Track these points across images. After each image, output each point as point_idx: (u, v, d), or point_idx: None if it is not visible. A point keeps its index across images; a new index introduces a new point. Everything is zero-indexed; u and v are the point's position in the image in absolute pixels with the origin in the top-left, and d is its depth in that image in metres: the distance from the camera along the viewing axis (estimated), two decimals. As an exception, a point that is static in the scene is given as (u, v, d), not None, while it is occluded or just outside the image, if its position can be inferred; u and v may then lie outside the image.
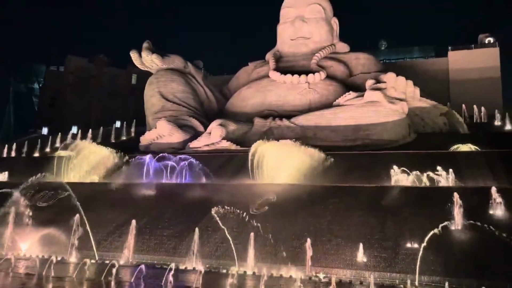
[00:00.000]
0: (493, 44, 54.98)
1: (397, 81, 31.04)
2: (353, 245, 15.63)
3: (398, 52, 66.71)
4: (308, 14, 40.70)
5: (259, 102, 36.02)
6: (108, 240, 18.69)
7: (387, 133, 28.81)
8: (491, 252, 14.69)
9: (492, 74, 52.90)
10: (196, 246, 16.64)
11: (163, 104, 34.84)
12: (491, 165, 22.24)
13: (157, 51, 36.80)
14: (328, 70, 37.39)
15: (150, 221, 19.48)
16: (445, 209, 16.91)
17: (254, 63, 43.39)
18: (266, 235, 16.80)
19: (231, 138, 31.06)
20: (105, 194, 22.90)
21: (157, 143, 32.42)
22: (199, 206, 19.93)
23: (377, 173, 22.50)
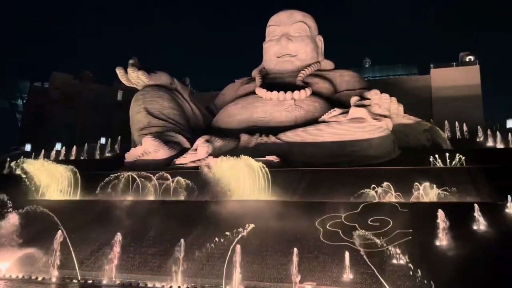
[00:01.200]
0: (473, 62, 56.43)
1: (381, 98, 31.50)
2: (340, 262, 15.59)
3: (382, 70, 67.90)
4: (293, 32, 41.34)
5: (246, 118, 36.14)
6: (91, 259, 18.31)
7: (372, 149, 29.08)
8: (477, 268, 14.79)
9: (473, 91, 54.18)
10: (181, 264, 16.41)
11: (149, 120, 34.66)
12: (474, 181, 22.58)
13: (143, 68, 36.76)
14: (314, 87, 37.82)
15: (134, 239, 19.16)
16: (431, 225, 17.08)
17: (240, 79, 43.74)
18: (252, 252, 16.70)
19: (217, 154, 30.92)
20: (88, 211, 22.51)
21: (142, 160, 32.09)
22: (184, 223, 19.71)
23: (362, 189, 22.62)
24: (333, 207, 19.83)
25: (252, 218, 18.71)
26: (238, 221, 18.89)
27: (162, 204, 23.49)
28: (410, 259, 15.05)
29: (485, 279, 14.26)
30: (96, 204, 24.12)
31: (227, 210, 20.81)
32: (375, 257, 15.75)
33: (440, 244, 16.24)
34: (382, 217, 18.33)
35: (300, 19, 41.88)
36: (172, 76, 38.51)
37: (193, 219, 20.05)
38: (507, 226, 17.07)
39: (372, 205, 20.01)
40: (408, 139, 32.83)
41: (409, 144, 32.48)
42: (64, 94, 70.79)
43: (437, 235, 16.51)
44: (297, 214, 19.40)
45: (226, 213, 20.50)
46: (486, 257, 15.22)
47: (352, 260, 15.50)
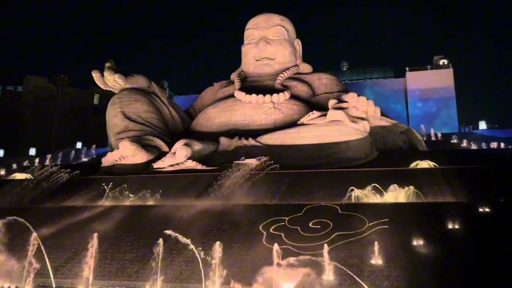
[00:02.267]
0: (447, 65, 57.88)
1: (358, 101, 31.95)
2: (319, 264, 15.62)
3: (359, 73, 68.89)
4: (271, 35, 41.52)
5: (225, 122, 36.05)
6: (67, 266, 17.85)
7: (350, 151, 29.39)
8: (451, 268, 15.06)
9: (447, 94, 55.56)
10: (160, 269, 16.18)
11: (126, 124, 34.09)
12: (449, 181, 23.06)
13: (120, 71, 36.21)
14: (292, 90, 38.03)
15: (111, 245, 18.80)
16: (408, 225, 17.35)
17: (219, 83, 43.63)
18: (232, 256, 16.59)
19: (196, 157, 30.77)
20: (63, 217, 21.96)
21: (119, 164, 31.61)
22: (162, 228, 19.42)
23: (342, 191, 22.82)
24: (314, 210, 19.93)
25: (231, 222, 18.64)
26: (213, 225, 18.81)
27: (139, 209, 23.12)
28: (386, 259, 15.22)
29: (457, 281, 14.50)
30: (72, 210, 23.58)
31: (207, 214, 20.65)
32: (354, 258, 15.85)
33: (417, 244, 16.44)
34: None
35: (278, 22, 42.11)
36: (150, 79, 38.08)
37: (172, 224, 19.77)
38: (480, 226, 17.42)
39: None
40: (385, 141, 33.35)
41: (386, 146, 32.99)
42: (38, 98, 69.28)
43: (414, 235, 16.71)
44: (276, 217, 19.40)
45: (206, 216, 20.34)
46: (459, 258, 15.50)
47: (332, 261, 15.54)
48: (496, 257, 15.12)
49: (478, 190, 21.12)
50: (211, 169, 29.46)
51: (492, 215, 18.13)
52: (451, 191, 22.02)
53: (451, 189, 22.14)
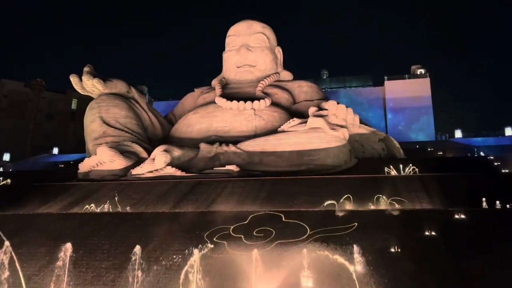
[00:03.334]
0: (424, 75, 59.16)
1: (338, 109, 32.29)
2: (295, 271, 15.58)
3: (339, 81, 69.76)
4: (253, 42, 41.69)
5: (205, 128, 35.87)
6: (40, 275, 17.33)
7: (330, 159, 29.61)
8: (428, 274, 15.23)
9: (424, 103, 56.70)
10: (137, 278, 15.88)
11: (104, 129, 33.53)
12: (426, 188, 23.44)
13: (98, 75, 35.65)
14: (273, 97, 38.18)
15: (87, 253, 18.36)
16: (386, 231, 17.50)
17: (200, 89, 43.45)
18: (210, 263, 16.40)
19: (176, 164, 30.48)
20: (36, 225, 21.37)
21: (97, 170, 31.04)
22: (140, 235, 19.12)
23: (321, 197, 22.93)
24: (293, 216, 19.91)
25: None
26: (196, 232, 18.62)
27: (117, 216, 22.68)
28: (362, 265, 15.29)
29: (435, 285, 14.67)
30: (47, 217, 22.98)
31: (185, 221, 20.41)
32: (333, 264, 15.85)
33: (394, 251, 16.58)
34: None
35: (259, 30, 42.33)
36: (129, 84, 37.63)
37: (149, 231, 19.46)
38: (456, 233, 17.68)
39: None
40: (364, 148, 33.75)
41: (365, 154, 33.38)
42: (14, 102, 67.63)
43: (391, 241, 16.85)
44: (256, 223, 19.29)
45: (184, 223, 20.09)
46: (434, 264, 15.70)
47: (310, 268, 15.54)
48: (471, 264, 15.37)
49: (454, 197, 21.51)
50: (190, 176, 29.24)
51: (468, 222, 18.45)
52: (428, 197, 22.37)
53: (428, 196, 22.49)
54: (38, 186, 30.53)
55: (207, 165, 30.95)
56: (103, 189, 27.27)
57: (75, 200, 25.61)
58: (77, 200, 25.60)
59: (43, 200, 26.19)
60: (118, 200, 24.82)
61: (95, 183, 29.35)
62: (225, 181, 26.95)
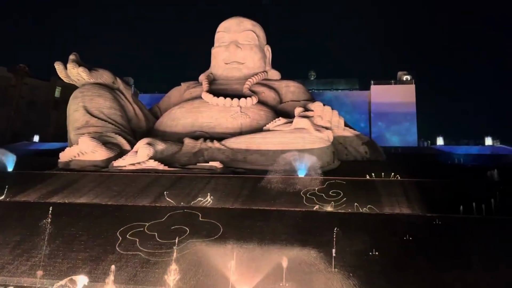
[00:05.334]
0: (410, 81, 59.87)
1: (323, 110, 32.51)
2: (277, 268, 15.63)
3: (326, 83, 70.04)
4: (242, 40, 41.57)
5: (191, 123, 35.67)
6: (14, 263, 17.01)
7: (313, 159, 29.68)
8: (405, 276, 15.45)
9: (408, 109, 57.40)
10: (113, 270, 15.69)
11: (87, 119, 33.04)
12: (407, 193, 23.75)
13: (84, 64, 35.12)
14: (260, 96, 38.17)
15: (64, 243, 18.09)
16: (364, 234, 17.69)
17: (187, 83, 43.14)
18: (189, 258, 16.33)
19: (159, 158, 30.23)
20: (14, 213, 20.96)
21: (78, 161, 30.59)
22: (118, 228, 18.91)
23: (302, 198, 23.05)
24: (275, 215, 19.97)
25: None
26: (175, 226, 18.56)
27: (96, 207, 22.37)
28: (342, 266, 15.44)
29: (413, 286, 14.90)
30: (24, 205, 22.54)
31: (164, 215, 20.27)
32: (313, 264, 15.96)
33: (372, 254, 16.75)
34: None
35: (249, 27, 42.23)
36: (115, 75, 37.16)
37: (129, 224, 19.27)
38: (434, 237, 17.98)
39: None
40: (347, 151, 34.04)
41: (348, 156, 33.67)
42: (-4, 87, 66.02)
43: (369, 244, 17.02)
44: (237, 221, 19.29)
45: (163, 217, 19.95)
46: (413, 268, 15.94)
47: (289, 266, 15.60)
48: (447, 268, 15.64)
49: (434, 203, 21.83)
50: (173, 170, 29.04)
51: (446, 228, 18.75)
52: (408, 202, 22.67)
53: (408, 201, 22.79)
54: (16, 174, 29.97)
55: (191, 161, 30.81)
56: (83, 179, 26.88)
57: (54, 189, 25.18)
58: (56, 189, 25.17)
59: (21, 188, 25.67)
60: (98, 191, 24.50)
61: (75, 173, 28.90)
62: (208, 177, 26.85)
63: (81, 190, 24.87)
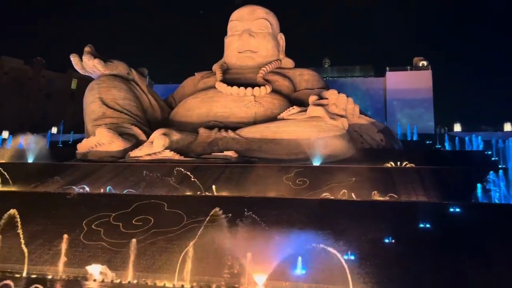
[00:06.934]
0: (426, 67, 58.83)
1: (338, 98, 32.25)
2: (292, 256, 15.77)
3: (340, 70, 69.32)
4: (255, 28, 41.30)
5: (205, 113, 35.81)
6: (37, 253, 17.52)
7: (328, 148, 29.65)
8: (421, 264, 15.43)
9: (425, 95, 56.54)
10: (132, 258, 16.08)
11: (103, 111, 33.51)
12: (423, 180, 23.58)
13: (99, 56, 35.49)
14: (274, 84, 38.02)
15: (84, 233, 18.52)
16: (380, 222, 17.67)
17: (201, 73, 43.18)
18: (205, 246, 16.56)
19: (174, 148, 30.54)
20: (34, 203, 21.49)
21: (95, 151, 31.11)
22: (137, 217, 19.25)
23: (317, 187, 23.08)
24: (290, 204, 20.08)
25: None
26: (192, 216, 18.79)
27: (114, 197, 22.79)
28: (357, 255, 15.49)
29: (426, 278, 14.86)
30: (45, 196, 23.09)
31: (183, 204, 20.54)
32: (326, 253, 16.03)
33: (388, 242, 16.75)
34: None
35: (262, 15, 41.90)
36: (130, 66, 37.47)
37: (146, 214, 19.60)
38: (451, 225, 17.84)
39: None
40: (363, 139, 33.81)
41: (363, 144, 33.45)
42: (14, 80, 67.26)
43: (385, 232, 17.01)
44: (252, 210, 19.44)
45: (182, 206, 20.22)
46: (429, 256, 15.89)
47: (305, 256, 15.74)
48: (463, 256, 15.56)
49: (450, 191, 21.65)
50: (188, 160, 29.32)
51: (462, 215, 18.60)
52: (424, 190, 22.52)
53: (424, 189, 22.64)
54: (36, 165, 30.65)
55: (206, 150, 31.03)
56: (101, 170, 27.37)
57: (73, 180, 25.71)
58: (75, 180, 25.68)
59: (42, 178, 26.30)
60: (116, 181, 24.96)
61: (93, 164, 29.45)
62: (223, 167, 27.05)
63: (99, 181, 25.35)
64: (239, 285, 15.04)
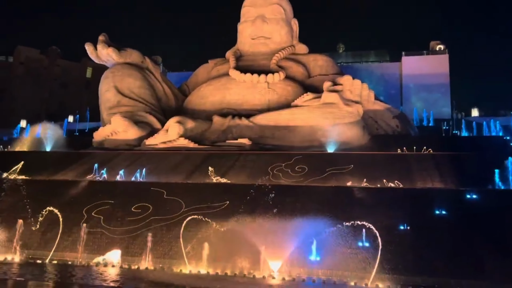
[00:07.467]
0: (443, 51, 57.55)
1: (353, 84, 31.84)
2: (307, 243, 15.86)
3: (355, 56, 68.26)
4: (268, 14, 40.84)
5: (219, 100, 35.79)
6: (57, 239, 17.94)
7: (343, 135, 29.42)
8: (436, 251, 15.36)
9: (441, 80, 55.44)
10: (149, 245, 16.39)
11: (118, 99, 33.80)
12: (439, 167, 23.29)
13: (113, 45, 35.66)
14: (287, 71, 37.71)
15: (101, 220, 18.87)
16: (396, 208, 17.60)
17: (214, 60, 43.05)
18: (221, 235, 16.74)
19: (189, 135, 30.69)
20: (54, 192, 21.92)
21: (111, 139, 31.49)
22: (154, 204, 19.52)
23: (331, 173, 23.02)
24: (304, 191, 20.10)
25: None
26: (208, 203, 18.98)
27: (130, 185, 23.09)
28: (374, 241, 15.49)
29: (442, 265, 14.80)
30: (63, 184, 23.51)
31: (198, 192, 20.72)
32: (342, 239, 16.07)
33: (403, 228, 16.68)
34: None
35: (275, 1, 41.34)
36: (144, 54, 37.59)
37: (163, 201, 19.85)
38: (467, 212, 17.65)
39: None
40: (378, 125, 33.42)
41: (379, 131, 33.09)
42: (29, 70, 68.06)
43: (400, 219, 16.94)
44: (267, 197, 19.53)
45: (197, 195, 20.41)
46: (445, 243, 15.80)
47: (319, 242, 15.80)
48: (480, 244, 15.43)
49: (467, 177, 21.37)
50: (202, 148, 29.47)
51: (480, 202, 18.38)
52: (440, 176, 22.26)
53: (440, 175, 22.38)
54: (54, 153, 31.18)
55: (220, 138, 31.12)
56: (117, 158, 27.72)
57: (90, 168, 26.08)
58: (92, 168, 26.05)
59: (59, 167, 26.77)
60: (132, 169, 25.25)
61: (109, 152, 29.83)
62: (237, 154, 27.13)
63: (116, 169, 25.66)
64: (254, 272, 15.22)
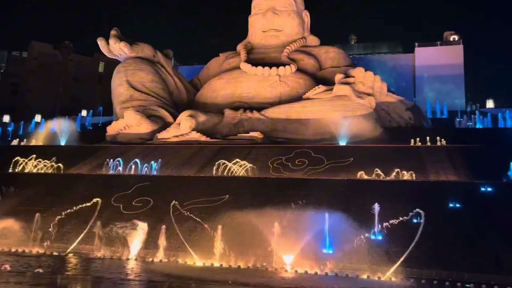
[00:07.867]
0: (457, 41, 56.59)
1: (365, 76, 31.54)
2: (320, 235, 15.88)
3: (367, 47, 67.65)
4: (279, 6, 40.59)
5: (230, 94, 35.82)
6: (72, 232, 18.28)
7: (355, 127, 29.24)
8: (450, 244, 15.26)
9: (456, 71, 54.59)
10: (163, 239, 16.57)
11: (131, 93, 34.07)
12: (452, 159, 23.05)
13: (125, 39, 35.85)
14: (299, 63, 37.50)
15: (113, 214, 19.15)
16: (409, 201, 17.48)
17: (225, 53, 43.00)
18: (234, 227, 16.85)
19: (201, 129, 30.82)
20: (67, 186, 22.26)
21: (124, 134, 31.80)
22: (166, 198, 19.70)
23: (345, 166, 22.95)
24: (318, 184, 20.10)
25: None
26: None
27: (143, 179, 23.30)
28: (385, 234, 15.44)
29: (456, 258, 14.70)
30: (78, 178, 23.87)
31: (209, 186, 20.86)
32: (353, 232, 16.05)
33: (416, 221, 16.58)
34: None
35: (286, -7, 41.03)
36: (155, 48, 37.75)
37: (177, 194, 20.02)
38: (481, 205, 17.47)
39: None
40: (391, 117, 33.11)
41: (391, 123, 32.79)
42: (43, 65, 68.81)
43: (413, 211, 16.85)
44: (279, 190, 19.55)
45: (208, 188, 20.55)
46: (459, 236, 15.68)
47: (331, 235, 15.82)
48: (495, 238, 15.28)
49: (481, 169, 21.11)
50: (215, 141, 29.59)
51: (494, 195, 18.17)
52: (454, 169, 22.04)
53: (454, 167, 22.15)
54: (68, 147, 31.62)
55: (232, 131, 31.19)
56: (130, 151, 27.98)
57: (103, 162, 26.39)
58: (105, 162, 26.36)
59: (74, 161, 27.15)
60: (145, 162, 25.51)
61: (122, 146, 30.14)
62: (249, 147, 27.19)
63: (129, 162, 25.91)
64: (267, 265, 15.31)
